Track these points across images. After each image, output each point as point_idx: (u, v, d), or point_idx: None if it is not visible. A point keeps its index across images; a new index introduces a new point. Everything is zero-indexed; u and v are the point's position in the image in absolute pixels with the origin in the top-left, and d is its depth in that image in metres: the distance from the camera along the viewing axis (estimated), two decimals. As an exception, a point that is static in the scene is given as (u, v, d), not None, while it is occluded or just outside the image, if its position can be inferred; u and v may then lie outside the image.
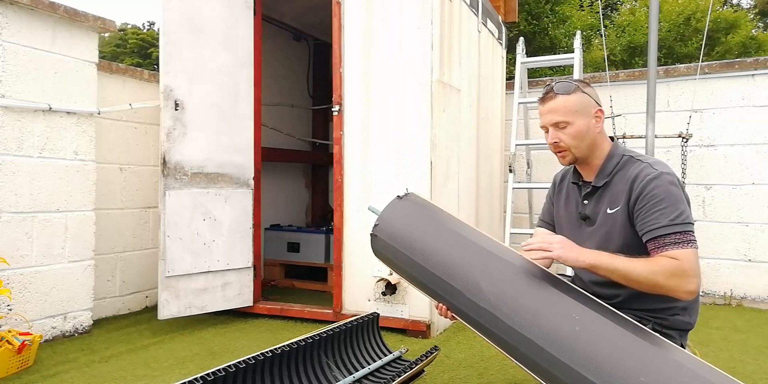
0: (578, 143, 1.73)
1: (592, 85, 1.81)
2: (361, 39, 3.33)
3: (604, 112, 1.78)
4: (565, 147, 1.74)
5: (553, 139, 1.74)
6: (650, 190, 1.62)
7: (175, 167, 3.26)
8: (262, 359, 1.96)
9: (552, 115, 1.73)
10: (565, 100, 1.71)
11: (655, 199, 1.61)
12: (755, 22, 14.94)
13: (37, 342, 2.67)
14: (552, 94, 1.74)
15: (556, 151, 1.78)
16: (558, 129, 1.73)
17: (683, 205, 1.60)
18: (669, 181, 1.63)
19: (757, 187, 4.15)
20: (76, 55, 3.16)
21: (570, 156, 1.76)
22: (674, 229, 1.56)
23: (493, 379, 2.50)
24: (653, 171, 1.65)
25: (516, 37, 5.14)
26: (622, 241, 1.69)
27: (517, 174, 4.21)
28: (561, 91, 1.73)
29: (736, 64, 4.22)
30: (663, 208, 1.59)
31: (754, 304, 4.09)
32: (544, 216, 2.02)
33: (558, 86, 1.74)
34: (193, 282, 3.32)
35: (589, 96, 1.75)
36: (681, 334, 1.72)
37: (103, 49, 20.50)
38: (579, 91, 1.73)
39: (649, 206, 1.61)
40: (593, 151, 1.76)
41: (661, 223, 1.58)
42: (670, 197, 1.60)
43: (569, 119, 1.71)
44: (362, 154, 3.32)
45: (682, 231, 1.55)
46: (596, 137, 1.75)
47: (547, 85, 1.81)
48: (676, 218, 1.57)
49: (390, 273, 3.20)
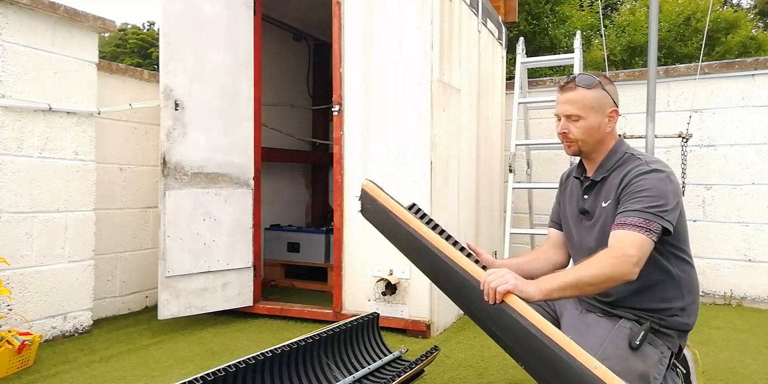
0: (586, 138, 1.74)
1: (614, 85, 1.79)
2: (361, 39, 3.33)
3: (618, 114, 1.77)
4: (573, 139, 1.76)
5: (563, 129, 1.76)
6: (637, 181, 1.63)
7: (175, 167, 3.26)
8: (262, 359, 1.96)
9: (567, 106, 1.73)
10: (583, 94, 1.71)
11: (638, 189, 1.62)
12: (755, 22, 14.95)
13: (37, 342, 2.67)
14: (573, 85, 1.73)
15: (563, 140, 1.80)
16: (570, 121, 1.74)
17: (665, 200, 1.59)
18: (658, 178, 1.63)
19: (757, 187, 4.15)
20: (76, 55, 3.16)
21: (575, 147, 1.78)
22: (641, 215, 1.55)
23: (493, 379, 2.50)
24: (647, 167, 1.67)
25: (516, 37, 5.14)
26: None
27: (517, 174, 4.21)
28: (582, 83, 1.72)
29: (736, 64, 4.22)
30: (642, 197, 1.60)
31: (754, 304, 4.09)
32: (553, 216, 2.04)
33: (581, 78, 1.74)
34: (193, 282, 3.32)
35: (609, 94, 1.74)
36: (680, 335, 1.72)
37: (103, 49, 20.50)
38: (600, 87, 1.73)
39: (630, 194, 1.62)
40: (599, 148, 1.77)
41: (634, 207, 1.58)
42: (654, 190, 1.60)
43: (583, 114, 1.72)
44: (362, 154, 3.32)
45: (647, 218, 1.55)
46: (605, 136, 1.76)
47: (570, 74, 1.80)
48: (650, 208, 1.57)
49: (390, 273, 3.20)
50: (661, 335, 1.67)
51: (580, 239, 1.83)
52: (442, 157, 3.27)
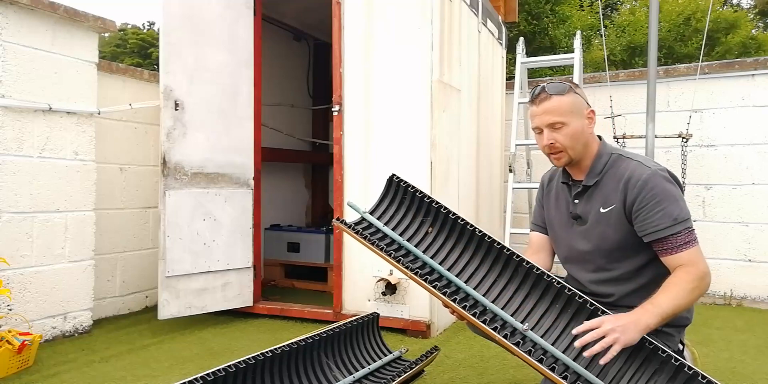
0: (574, 144, 1.73)
1: (581, 87, 1.82)
2: (361, 39, 3.33)
3: (595, 113, 1.78)
4: (561, 148, 1.73)
5: (549, 140, 1.73)
6: (648, 190, 1.64)
7: (175, 167, 3.26)
8: (262, 359, 1.96)
9: (548, 115, 1.71)
10: (559, 101, 1.70)
11: (654, 199, 1.63)
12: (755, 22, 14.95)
13: (37, 342, 2.67)
14: (545, 95, 1.72)
15: (551, 153, 1.77)
16: (554, 130, 1.72)
17: (681, 202, 1.65)
18: (664, 179, 1.66)
19: (757, 187, 4.15)
20: (76, 55, 3.16)
21: (566, 157, 1.75)
22: (678, 229, 1.60)
23: (493, 379, 2.50)
24: (647, 170, 1.67)
25: (516, 37, 5.14)
26: (617, 239, 1.71)
27: (517, 174, 4.21)
28: (554, 91, 1.71)
29: (736, 64, 4.22)
30: (664, 208, 1.62)
31: (754, 304, 4.08)
32: (536, 220, 2.03)
33: (551, 87, 1.72)
34: (193, 282, 3.32)
35: (581, 96, 1.75)
36: (679, 331, 1.74)
37: (103, 49, 20.50)
38: (572, 91, 1.72)
39: (650, 207, 1.63)
40: (586, 152, 1.77)
41: (665, 223, 1.61)
42: (668, 196, 1.63)
43: (565, 119, 1.70)
44: (362, 154, 3.32)
45: (684, 228, 1.61)
46: (589, 138, 1.76)
47: (536, 86, 1.79)
48: (677, 217, 1.61)
49: (390, 273, 3.20)
50: (662, 335, 1.67)
51: (570, 244, 1.83)
52: (442, 157, 3.27)
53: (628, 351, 1.49)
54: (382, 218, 1.92)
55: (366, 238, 1.82)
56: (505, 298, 1.69)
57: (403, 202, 1.94)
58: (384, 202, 1.96)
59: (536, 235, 2.01)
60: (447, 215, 1.85)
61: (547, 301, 1.65)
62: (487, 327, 1.55)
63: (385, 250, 1.78)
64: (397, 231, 1.88)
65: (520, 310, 1.66)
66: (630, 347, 1.46)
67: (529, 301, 1.67)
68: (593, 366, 1.50)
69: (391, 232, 1.86)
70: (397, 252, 1.82)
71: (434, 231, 1.87)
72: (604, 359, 1.42)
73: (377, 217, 1.92)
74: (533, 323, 1.61)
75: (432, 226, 1.88)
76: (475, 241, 1.80)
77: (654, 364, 1.49)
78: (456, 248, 1.82)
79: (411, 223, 1.90)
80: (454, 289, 1.72)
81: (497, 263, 1.75)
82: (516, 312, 1.65)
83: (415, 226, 1.90)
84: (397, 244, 1.84)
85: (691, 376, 1.43)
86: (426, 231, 1.88)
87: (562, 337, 1.59)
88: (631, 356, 1.51)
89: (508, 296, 1.69)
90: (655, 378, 1.48)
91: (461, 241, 1.83)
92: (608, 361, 1.42)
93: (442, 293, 1.66)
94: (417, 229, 1.89)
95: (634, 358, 1.51)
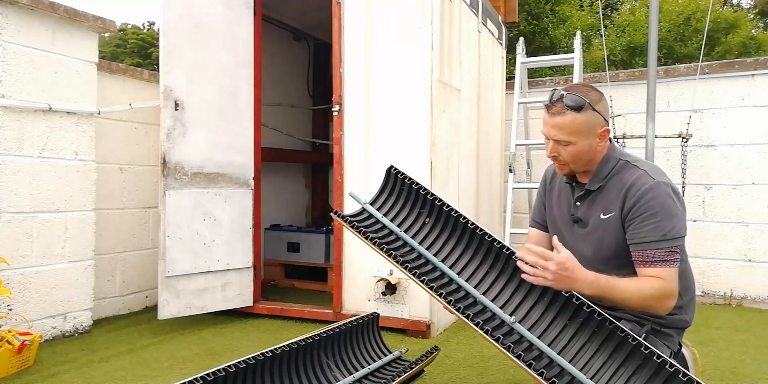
0: (576, 161, 1.71)
1: (604, 98, 1.69)
2: (361, 39, 3.33)
3: (609, 131, 1.71)
4: (564, 162, 1.72)
5: (553, 152, 1.72)
6: (646, 201, 1.61)
7: (175, 167, 3.26)
8: (262, 359, 1.95)
9: (556, 131, 1.67)
10: (573, 119, 1.63)
11: (649, 210, 1.60)
12: (755, 22, 14.95)
13: (37, 342, 2.67)
14: (561, 109, 1.63)
15: (554, 162, 1.77)
16: (560, 145, 1.69)
17: (676, 219, 1.60)
18: (666, 193, 1.61)
19: (757, 187, 4.15)
20: (76, 55, 3.16)
21: (567, 169, 1.75)
22: (662, 245, 1.58)
23: (493, 379, 2.50)
24: (650, 180, 1.63)
25: (516, 37, 5.14)
26: (614, 246, 1.69)
27: (517, 174, 4.21)
28: (572, 106, 1.62)
29: (736, 64, 4.22)
30: (656, 222, 1.59)
31: (754, 304, 4.08)
32: (536, 216, 2.00)
33: (570, 99, 1.62)
34: (193, 282, 3.32)
35: (599, 114, 1.66)
36: (678, 332, 1.73)
37: (103, 49, 20.50)
38: (590, 109, 1.63)
39: (642, 218, 1.61)
40: (590, 164, 1.74)
41: (652, 237, 1.59)
42: (664, 210, 1.59)
43: (572, 140, 1.66)
44: (362, 154, 3.32)
45: (669, 247, 1.58)
46: (596, 154, 1.72)
47: (556, 90, 1.68)
48: (667, 233, 1.58)
49: (390, 273, 3.20)
50: (661, 335, 1.67)
51: (573, 245, 1.81)
52: (442, 157, 3.27)
53: (611, 346, 1.54)
54: (381, 209, 1.97)
55: (360, 231, 1.86)
56: (495, 290, 1.74)
57: (401, 193, 1.99)
58: (383, 193, 2.01)
59: (535, 231, 1.99)
60: (441, 207, 1.89)
61: (535, 294, 1.69)
62: (469, 321, 1.61)
63: (378, 244, 1.82)
64: (395, 222, 1.93)
65: (509, 303, 1.70)
66: (612, 342, 1.53)
67: (518, 294, 1.72)
68: (577, 360, 1.54)
69: (390, 223, 1.91)
70: (393, 244, 1.86)
71: (431, 222, 1.91)
72: (524, 275, 1.54)
73: (377, 207, 1.97)
74: (521, 316, 1.66)
75: (429, 217, 1.92)
76: (468, 234, 1.84)
77: (636, 360, 1.51)
78: (450, 240, 1.88)
79: (409, 215, 1.95)
80: (446, 281, 1.76)
81: (488, 256, 1.80)
82: (505, 305, 1.70)
83: (413, 218, 1.94)
84: (394, 236, 1.89)
85: (672, 374, 1.44)
86: (423, 221, 1.92)
87: (550, 329, 1.62)
88: (615, 352, 1.54)
89: (498, 289, 1.74)
90: (637, 374, 1.49)
91: (455, 234, 1.87)
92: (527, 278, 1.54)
93: (429, 288, 1.70)
94: (414, 220, 1.94)
95: (618, 353, 1.53)
